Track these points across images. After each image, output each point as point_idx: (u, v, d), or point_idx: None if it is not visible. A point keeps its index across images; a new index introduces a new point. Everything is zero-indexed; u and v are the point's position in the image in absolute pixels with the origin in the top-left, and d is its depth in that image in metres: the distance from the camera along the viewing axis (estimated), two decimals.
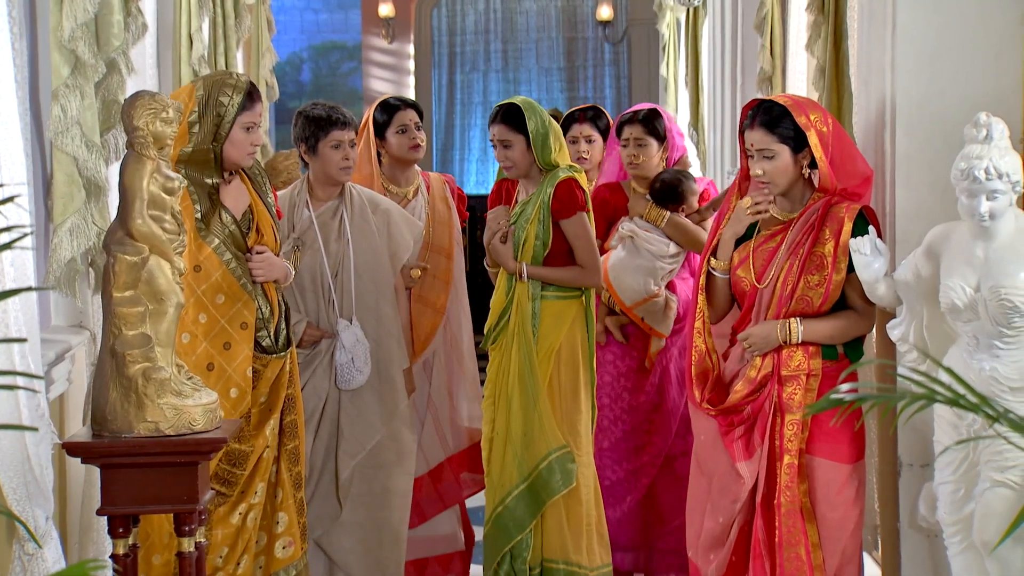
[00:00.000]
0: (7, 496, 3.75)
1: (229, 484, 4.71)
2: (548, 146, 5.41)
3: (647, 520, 5.96)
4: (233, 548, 4.73)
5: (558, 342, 5.45)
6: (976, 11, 4.49)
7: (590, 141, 6.44)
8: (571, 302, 5.49)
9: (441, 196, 6.10)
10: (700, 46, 10.32)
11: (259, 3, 8.02)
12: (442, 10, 16.21)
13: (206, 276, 4.71)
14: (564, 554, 5.44)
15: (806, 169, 4.55)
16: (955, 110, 4.41)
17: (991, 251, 3.97)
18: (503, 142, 5.47)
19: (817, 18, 5.80)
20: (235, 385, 4.70)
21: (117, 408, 3.94)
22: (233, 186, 4.82)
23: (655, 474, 5.92)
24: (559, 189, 5.40)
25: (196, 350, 4.66)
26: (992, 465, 3.94)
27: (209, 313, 4.70)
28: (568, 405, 5.45)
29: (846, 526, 4.52)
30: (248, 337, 4.73)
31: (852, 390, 2.76)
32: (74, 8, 4.27)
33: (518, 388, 5.43)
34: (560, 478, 5.38)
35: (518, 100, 5.50)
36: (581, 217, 5.43)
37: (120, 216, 3.96)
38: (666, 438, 5.90)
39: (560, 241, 5.44)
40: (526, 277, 5.42)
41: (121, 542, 3.99)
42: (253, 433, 4.76)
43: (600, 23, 15.89)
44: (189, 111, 4.65)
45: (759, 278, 4.58)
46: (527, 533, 5.43)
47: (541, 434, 5.38)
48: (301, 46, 16.70)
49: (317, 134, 5.50)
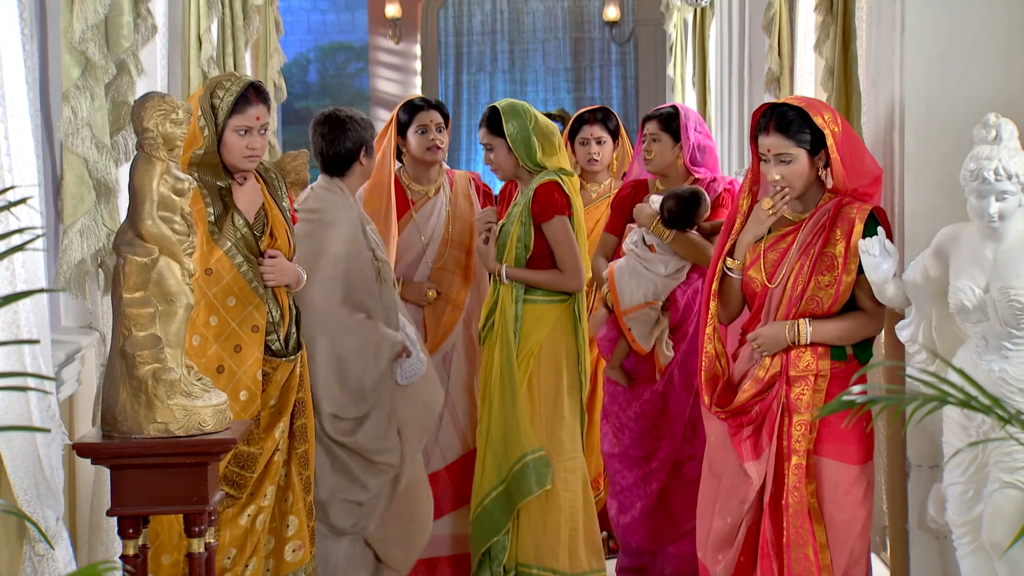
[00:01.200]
0: (18, 497, 3.76)
1: (238, 486, 4.71)
2: (531, 148, 5.44)
3: (658, 525, 5.95)
4: (241, 550, 4.73)
5: (538, 345, 5.48)
6: (985, 11, 4.48)
7: (600, 142, 6.46)
8: (554, 306, 5.51)
9: (464, 193, 6.13)
10: (707, 46, 10.31)
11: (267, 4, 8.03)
12: (449, 11, 16.21)
13: (217, 279, 4.71)
14: (538, 559, 5.47)
15: (822, 171, 4.55)
16: (964, 110, 4.40)
17: (1000, 252, 3.96)
18: (486, 145, 5.54)
19: (826, 19, 5.80)
20: (245, 388, 4.70)
21: (127, 409, 3.94)
22: (247, 188, 4.81)
23: (665, 479, 5.91)
24: (538, 192, 5.43)
25: (207, 352, 4.66)
26: (1001, 466, 3.93)
27: (220, 316, 4.71)
28: (547, 409, 5.48)
29: (854, 527, 4.52)
30: (259, 340, 4.74)
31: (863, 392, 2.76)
32: (85, 9, 4.28)
33: (498, 389, 5.47)
34: (534, 480, 5.40)
35: (503, 103, 5.53)
36: (561, 221, 5.45)
37: (130, 217, 3.97)
38: (674, 443, 5.90)
39: (542, 244, 5.47)
40: (506, 278, 5.46)
41: (131, 543, 4.00)
42: (262, 436, 4.76)
43: (607, 23, 15.89)
44: (198, 114, 4.65)
45: (770, 278, 4.58)
46: (503, 535, 5.45)
47: (517, 436, 5.42)
48: (308, 47, 16.72)
49: None
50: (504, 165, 5.54)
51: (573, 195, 5.53)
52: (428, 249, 6.03)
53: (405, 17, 15.77)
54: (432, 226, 6.05)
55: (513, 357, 5.44)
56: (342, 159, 5.36)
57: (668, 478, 5.90)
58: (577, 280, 5.51)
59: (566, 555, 5.49)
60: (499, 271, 5.49)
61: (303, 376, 4.93)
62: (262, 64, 8.21)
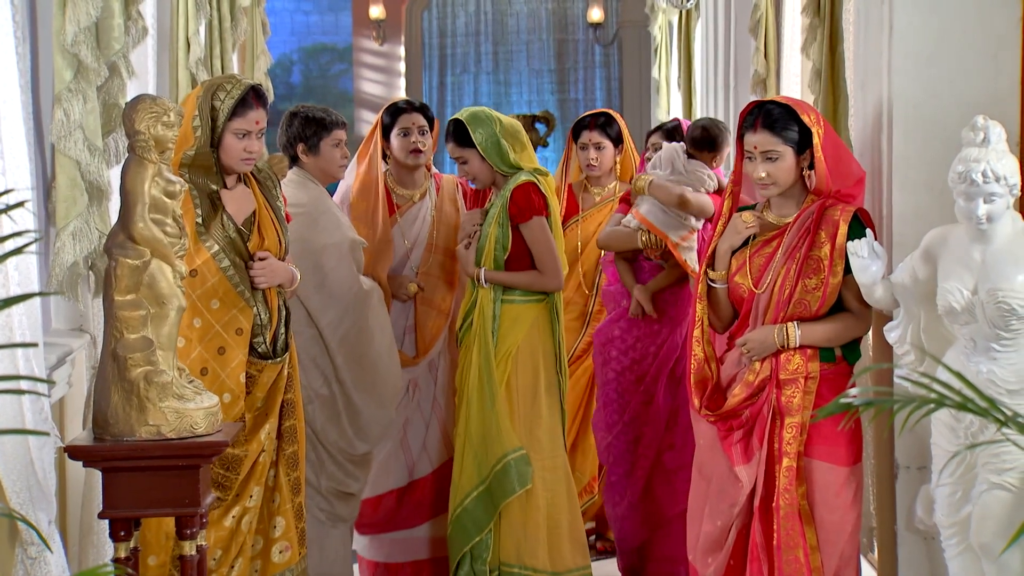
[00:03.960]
0: (11, 500, 3.76)
1: (223, 488, 4.71)
2: (503, 151, 5.46)
3: (647, 512, 6.00)
4: (227, 551, 4.73)
5: (515, 345, 5.50)
6: (973, 13, 4.50)
7: (599, 148, 6.44)
8: (531, 306, 5.53)
9: (450, 198, 6.13)
10: (693, 49, 10.32)
11: (254, 6, 8.01)
12: (433, 12, 16.20)
13: (202, 281, 4.70)
14: (519, 558, 5.49)
15: (806, 171, 4.56)
16: (952, 112, 4.41)
17: (988, 254, 3.97)
18: (458, 159, 5.55)
19: (813, 21, 5.81)
20: (228, 390, 4.70)
21: (119, 411, 3.94)
22: (238, 191, 4.81)
23: (649, 467, 5.95)
24: (515, 194, 5.44)
25: (191, 354, 4.66)
26: (990, 467, 3.94)
27: (204, 317, 4.70)
28: (526, 409, 5.50)
29: (844, 528, 4.52)
30: (243, 343, 4.73)
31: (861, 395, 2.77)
32: (77, 12, 4.28)
33: (477, 390, 5.48)
34: (516, 480, 5.42)
35: (464, 114, 5.55)
36: (539, 221, 5.47)
37: (122, 220, 3.97)
38: (657, 429, 5.94)
39: (520, 245, 5.48)
40: (484, 281, 5.47)
41: (123, 545, 4.00)
42: (248, 437, 4.76)
43: (591, 25, 15.90)
44: (192, 114, 4.65)
45: (756, 283, 4.59)
46: (486, 534, 5.47)
47: (498, 436, 5.44)
48: (291, 48, 16.68)
49: (320, 133, 5.59)
50: (480, 174, 5.56)
51: (549, 195, 5.54)
52: (412, 254, 6.02)
53: (389, 18, 15.76)
54: (416, 231, 6.04)
55: (492, 357, 5.46)
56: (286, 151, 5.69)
57: (651, 467, 5.94)
58: (556, 280, 5.53)
59: (546, 554, 5.51)
60: (478, 276, 5.50)
61: (292, 377, 4.93)
62: (249, 66, 8.19)
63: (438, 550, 6.00)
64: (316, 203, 5.59)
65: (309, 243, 5.41)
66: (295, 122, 5.61)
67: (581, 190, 6.58)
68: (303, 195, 5.55)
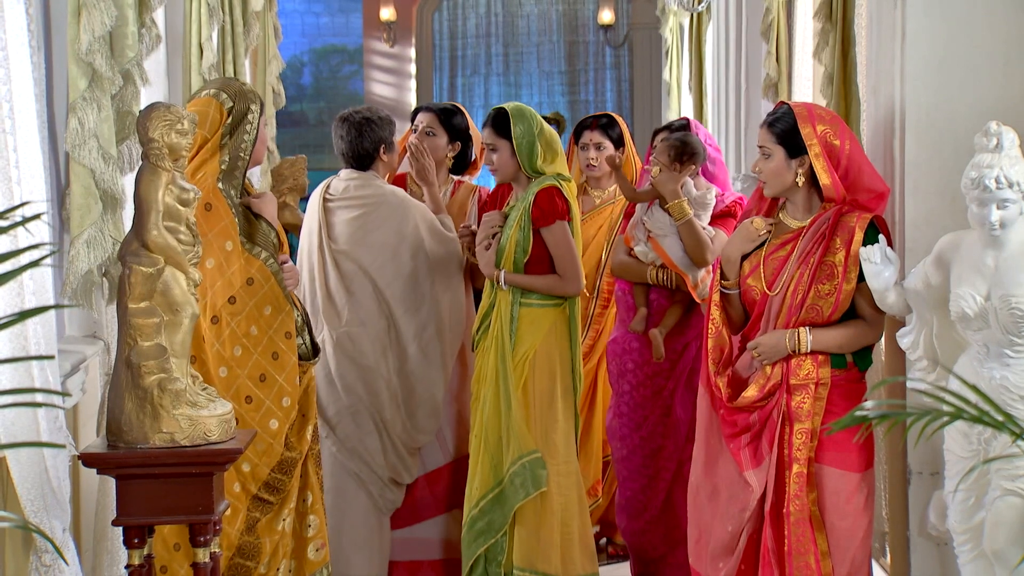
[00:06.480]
0: (25, 508, 3.76)
1: (276, 491, 4.76)
2: (534, 154, 5.46)
3: (669, 525, 5.97)
4: (275, 555, 4.76)
5: (533, 349, 5.49)
6: (985, 19, 4.50)
7: (600, 148, 6.44)
8: (549, 310, 5.53)
9: (460, 203, 6.18)
10: (704, 52, 10.31)
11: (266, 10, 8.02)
12: (443, 14, 16.21)
13: (258, 288, 4.75)
14: (531, 562, 5.48)
15: (800, 177, 4.56)
16: (964, 118, 4.42)
17: (1001, 260, 3.98)
18: (489, 145, 5.55)
19: (825, 25, 5.81)
20: (287, 394, 4.75)
21: (132, 419, 3.95)
22: (267, 197, 4.86)
23: (671, 478, 5.93)
24: (539, 197, 5.44)
25: (248, 362, 4.70)
26: (1003, 474, 3.94)
27: (259, 325, 4.74)
28: (542, 412, 5.50)
29: (855, 534, 4.52)
30: (293, 347, 4.80)
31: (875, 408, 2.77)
32: (92, 21, 4.28)
33: (493, 392, 5.49)
34: (530, 483, 5.42)
35: (510, 106, 5.55)
36: (561, 226, 5.47)
37: (135, 227, 3.97)
38: (677, 442, 5.91)
39: (541, 249, 5.48)
40: (504, 283, 5.48)
41: (136, 552, 4.01)
42: (297, 440, 4.81)
43: (601, 27, 15.91)
44: (223, 123, 4.69)
45: (769, 286, 4.59)
46: (501, 537, 5.47)
47: (513, 439, 5.44)
48: (302, 49, 16.69)
49: (394, 132, 5.89)
50: (505, 167, 5.55)
51: (572, 200, 5.55)
52: None
53: (399, 20, 15.77)
54: None
55: (509, 360, 5.46)
56: (362, 157, 5.84)
57: (672, 479, 5.91)
58: (576, 284, 5.53)
59: (559, 558, 5.51)
60: (498, 277, 5.50)
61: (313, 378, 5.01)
62: (260, 70, 8.21)
63: (441, 551, 6.01)
64: (406, 199, 5.85)
65: (402, 236, 5.74)
66: (374, 127, 5.80)
67: (581, 193, 6.58)
68: (391, 194, 5.84)
